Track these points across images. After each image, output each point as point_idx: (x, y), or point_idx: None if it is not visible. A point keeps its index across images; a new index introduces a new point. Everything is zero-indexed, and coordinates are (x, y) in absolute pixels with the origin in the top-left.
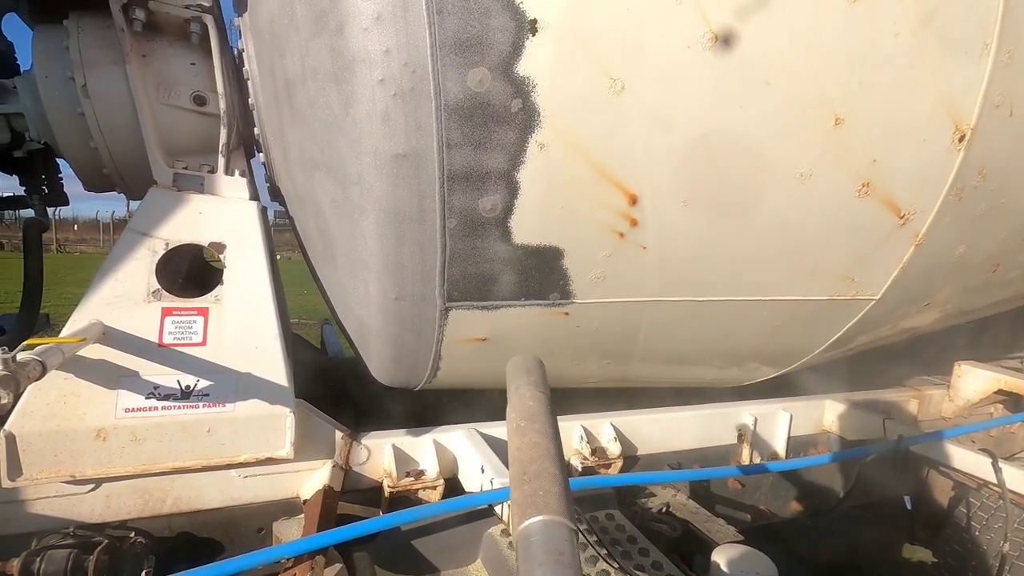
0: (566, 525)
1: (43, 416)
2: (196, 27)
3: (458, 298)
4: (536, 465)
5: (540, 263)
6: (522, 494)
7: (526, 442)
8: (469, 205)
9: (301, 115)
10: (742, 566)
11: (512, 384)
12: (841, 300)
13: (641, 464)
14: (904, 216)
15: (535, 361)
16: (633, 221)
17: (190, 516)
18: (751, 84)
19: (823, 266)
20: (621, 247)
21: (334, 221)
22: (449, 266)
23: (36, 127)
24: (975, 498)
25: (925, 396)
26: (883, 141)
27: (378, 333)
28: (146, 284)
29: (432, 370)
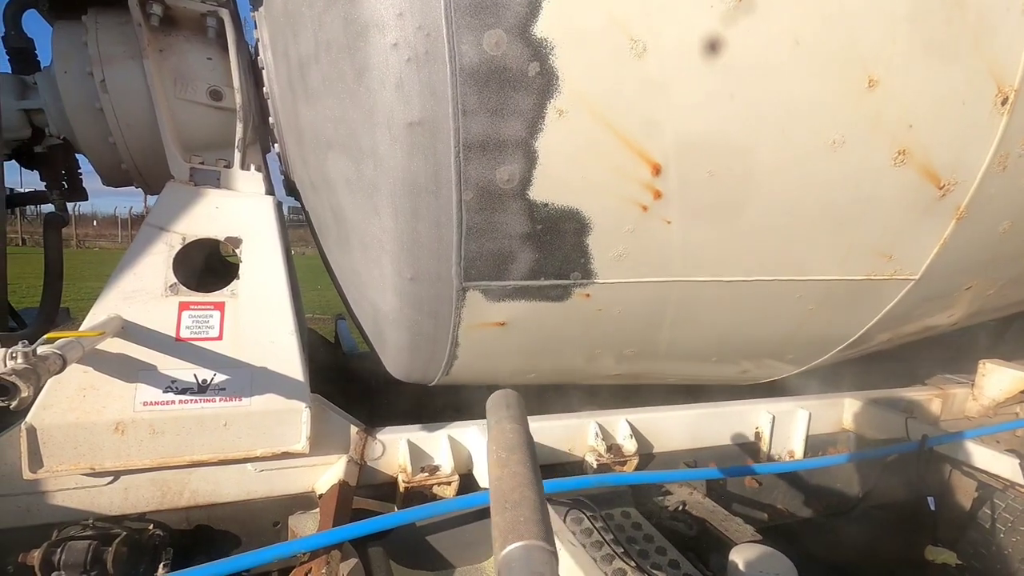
0: (545, 549)
1: (63, 409)
2: (212, 21)
3: (475, 277)
4: (516, 493)
5: (559, 239)
6: (503, 520)
7: (507, 472)
8: (486, 176)
9: (315, 94)
10: (761, 566)
11: (492, 417)
12: (879, 280)
13: (657, 462)
14: (944, 187)
15: (514, 395)
16: (657, 193)
17: (207, 509)
18: (779, 44)
19: (859, 242)
20: (644, 221)
21: (348, 202)
22: (466, 242)
23: (56, 122)
24: (1000, 499)
25: (948, 395)
26: (920, 105)
27: (393, 320)
28: (164, 278)
29: (449, 358)
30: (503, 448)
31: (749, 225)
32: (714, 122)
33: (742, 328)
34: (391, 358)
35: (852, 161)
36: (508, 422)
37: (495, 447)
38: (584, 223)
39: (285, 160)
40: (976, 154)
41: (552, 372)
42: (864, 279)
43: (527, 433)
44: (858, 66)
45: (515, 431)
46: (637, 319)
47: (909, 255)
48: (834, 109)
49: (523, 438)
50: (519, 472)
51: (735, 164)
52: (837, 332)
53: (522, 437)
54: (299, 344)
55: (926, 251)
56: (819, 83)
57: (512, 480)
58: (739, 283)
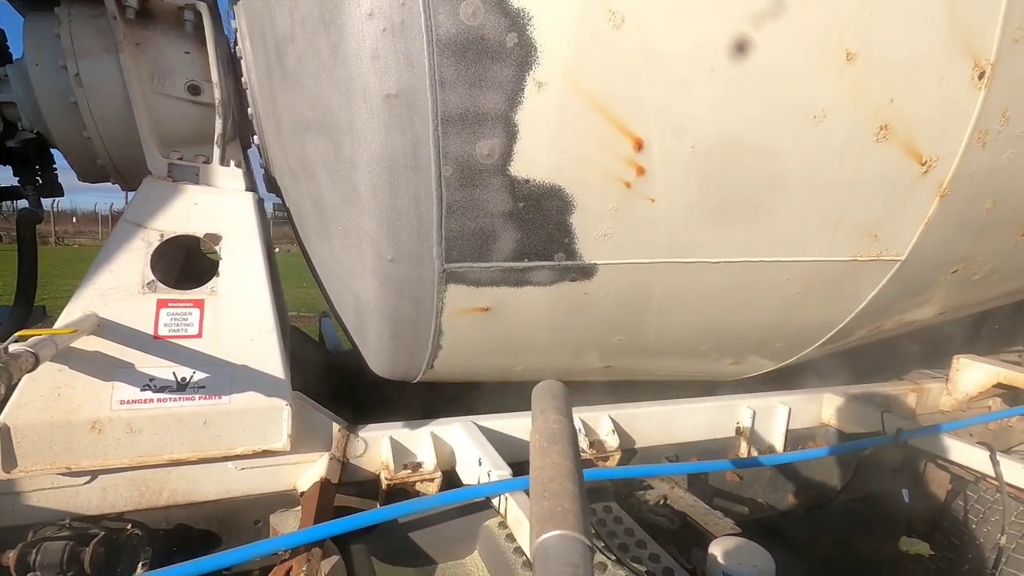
0: (582, 541)
1: (38, 408)
2: (190, 15)
3: (457, 258)
4: (556, 484)
5: (543, 218)
6: (541, 509)
7: (547, 462)
8: (465, 151)
9: (292, 75)
10: (740, 558)
11: (537, 407)
12: (865, 261)
13: (639, 457)
14: (926, 163)
15: (559, 386)
16: (640, 169)
17: (187, 508)
18: (758, 12)
19: (844, 221)
20: (628, 199)
21: (327, 185)
22: (447, 221)
23: (28, 116)
24: (972, 491)
25: (923, 389)
26: (899, 79)
27: (375, 307)
28: (141, 276)
29: (433, 348)
30: (545, 438)
31: (733, 203)
32: (694, 95)
33: (730, 315)
34: (373, 350)
35: (835, 136)
36: (552, 412)
37: (538, 436)
38: (567, 201)
39: (265, 152)
40: (956, 130)
41: (539, 365)
42: (851, 260)
43: (571, 425)
44: (836, 38)
45: (559, 422)
46: (624, 304)
47: (894, 235)
48: (814, 82)
49: (566, 429)
50: (559, 463)
51: (716, 139)
52: (825, 319)
53: (565, 428)
54: (280, 341)
55: (911, 230)
56: (798, 55)
57: (552, 470)
58: (725, 265)
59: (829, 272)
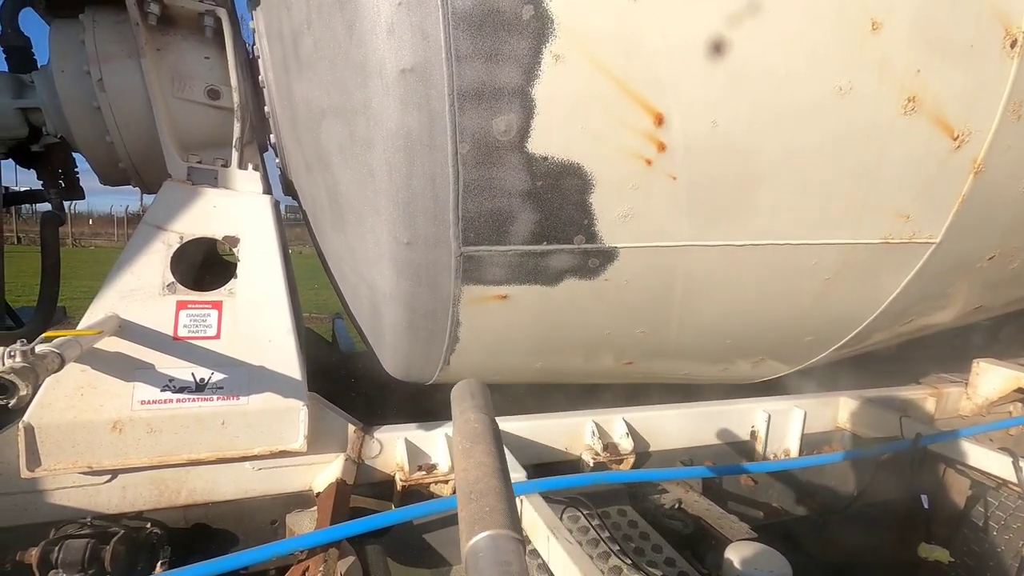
0: (512, 537)
1: (61, 408)
2: (210, 20)
3: (474, 241)
4: (482, 484)
5: (562, 197)
6: (469, 512)
7: (472, 463)
8: (482, 127)
9: (308, 62)
10: (756, 564)
11: (457, 408)
12: (897, 243)
13: (653, 460)
14: (959, 137)
15: (478, 384)
16: (661, 145)
17: (205, 508)
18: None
19: (874, 200)
20: (649, 177)
21: (342, 170)
22: (463, 201)
23: (53, 121)
24: (993, 497)
25: (942, 394)
26: (926, 49)
27: (390, 295)
28: (161, 277)
29: (450, 341)
30: (467, 439)
31: (757, 181)
32: (715, 68)
33: (757, 304)
34: (389, 346)
35: (861, 109)
36: (472, 412)
37: (460, 438)
38: (587, 179)
39: (281, 151)
40: (988, 102)
41: (559, 360)
42: (881, 242)
43: (492, 422)
44: (859, 6)
45: (480, 420)
46: (646, 292)
47: (927, 215)
48: (838, 53)
49: (488, 427)
50: (484, 462)
51: (739, 112)
52: (856, 309)
53: (487, 426)
54: (296, 343)
55: (945, 210)
56: (821, 25)
57: (477, 470)
58: (750, 248)
59: (859, 256)
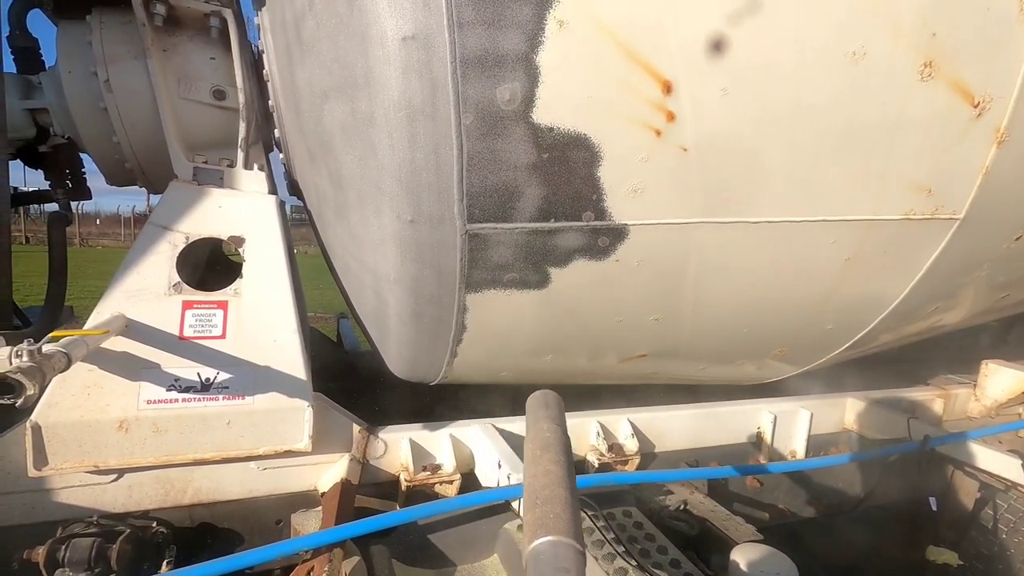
0: (574, 546)
1: (68, 407)
2: (216, 21)
3: (480, 218)
4: (548, 491)
5: (569, 171)
6: (534, 516)
7: (540, 470)
8: (485, 96)
9: (310, 44)
10: (762, 566)
11: (531, 417)
12: (919, 220)
13: (659, 461)
14: (979, 104)
15: (553, 396)
16: (670, 115)
17: (210, 507)
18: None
19: (893, 172)
20: (659, 148)
21: (344, 152)
22: (467, 175)
23: (60, 122)
24: (1002, 500)
25: (951, 395)
26: (941, 10)
27: (395, 279)
28: (167, 277)
29: (456, 330)
30: (538, 447)
31: (771, 152)
32: (724, 33)
33: (773, 288)
34: (394, 337)
35: (875, 74)
36: (545, 421)
37: (531, 446)
38: (594, 151)
39: (285, 146)
40: (1008, 66)
41: (571, 354)
42: (902, 218)
43: (563, 433)
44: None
45: (551, 430)
46: (657, 274)
47: (950, 189)
48: (850, 16)
49: (558, 437)
50: (552, 470)
51: (750, 79)
52: (879, 292)
53: (557, 436)
54: (302, 343)
55: (968, 184)
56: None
57: (545, 478)
58: (766, 226)
59: (880, 233)
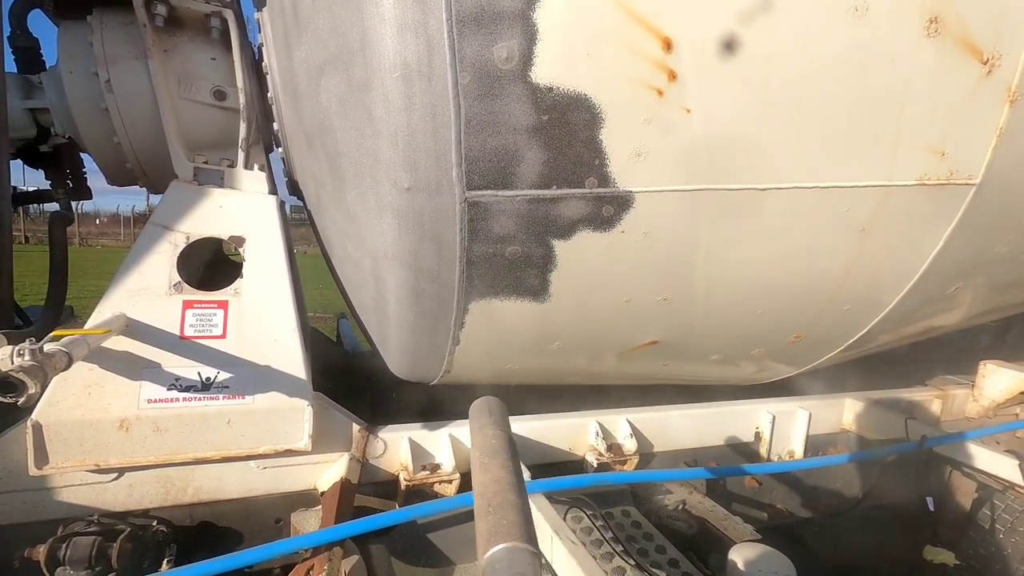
0: (529, 550)
1: (69, 406)
2: (216, 22)
3: (479, 185)
4: (499, 497)
5: (570, 133)
6: (486, 524)
7: (489, 477)
8: (482, 55)
9: (306, 20)
10: (760, 565)
11: (475, 423)
12: (934, 185)
13: (657, 461)
14: (988, 61)
15: (496, 402)
16: (672, 74)
17: (210, 506)
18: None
19: (905, 135)
20: (661, 109)
21: (341, 126)
22: (466, 138)
23: (61, 122)
24: (1000, 500)
25: (948, 396)
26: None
27: (393, 255)
28: (168, 277)
29: (458, 313)
30: (485, 453)
31: (776, 113)
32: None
33: (787, 264)
34: (394, 324)
35: (880, 31)
36: (490, 427)
37: (478, 453)
38: (595, 113)
39: (284, 140)
40: (1017, 21)
41: (578, 342)
42: (917, 184)
43: (509, 438)
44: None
45: (497, 436)
46: (666, 247)
47: (964, 151)
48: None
49: (505, 443)
50: (501, 476)
51: (752, 36)
52: (897, 268)
53: (504, 442)
54: (301, 342)
55: (983, 146)
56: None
57: (495, 485)
58: (774, 192)
59: (895, 201)
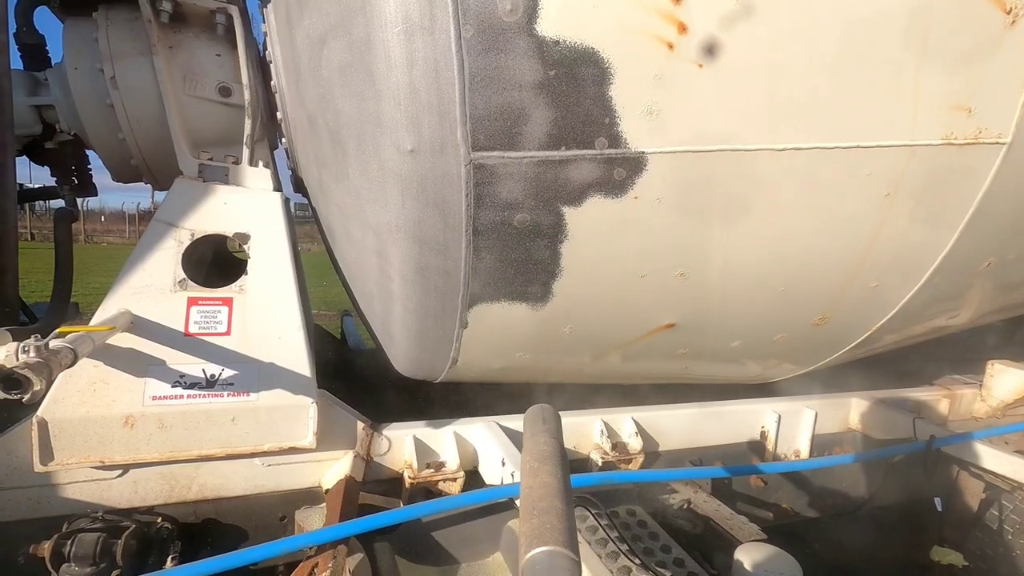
0: (569, 556)
1: (74, 403)
2: (221, 18)
3: (485, 145)
4: (545, 502)
5: (578, 90)
6: (530, 526)
7: (537, 481)
8: (486, 6)
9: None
10: (766, 565)
11: (528, 430)
12: (962, 144)
13: (662, 460)
14: (1012, 11)
15: (550, 410)
16: (681, 26)
17: (215, 503)
18: None
19: (927, 89)
20: (672, 64)
21: (342, 94)
22: (470, 95)
23: (66, 118)
24: (1008, 501)
25: (956, 396)
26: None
27: (396, 226)
28: (173, 274)
29: (465, 288)
30: (535, 459)
31: (791, 65)
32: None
33: (808, 235)
34: (399, 305)
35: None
36: (543, 435)
37: (528, 458)
38: (604, 68)
39: (288, 130)
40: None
41: (592, 321)
42: (943, 143)
43: (560, 446)
44: None
45: (548, 443)
46: (681, 213)
47: (992, 108)
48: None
49: (555, 450)
50: (549, 482)
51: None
52: (926, 238)
53: (554, 449)
54: (306, 340)
55: (1011, 102)
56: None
57: (542, 489)
58: (792, 153)
59: (920, 163)
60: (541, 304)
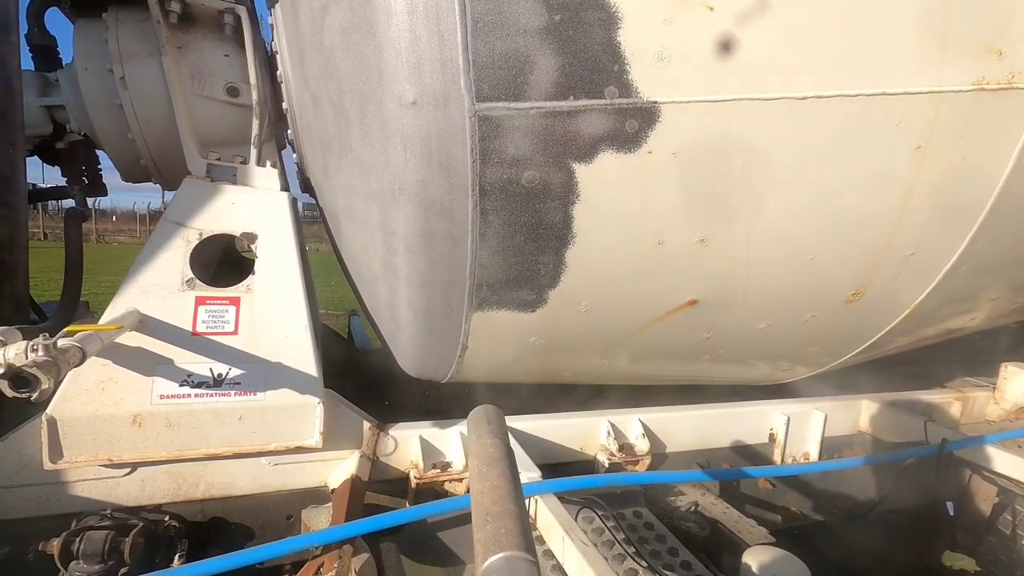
0: (527, 559)
1: (83, 401)
2: (230, 19)
3: (489, 95)
4: (497, 506)
5: (584, 35)
6: (485, 534)
7: (487, 486)
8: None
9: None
10: (774, 569)
11: (473, 433)
12: (995, 90)
13: (670, 462)
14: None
15: (494, 410)
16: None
17: (222, 502)
18: None
19: (954, 32)
20: (683, 6)
21: (344, 60)
22: (473, 41)
23: (77, 119)
24: (1021, 505)
25: (969, 398)
26: None
27: (399, 188)
28: (181, 273)
29: (473, 245)
30: (484, 462)
31: (809, 7)
32: None
33: (836, 195)
34: (404, 278)
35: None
36: (488, 437)
37: (476, 462)
38: (611, 12)
39: (294, 122)
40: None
41: (608, 301)
42: (974, 89)
43: (507, 447)
44: None
45: (495, 445)
46: (698, 169)
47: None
48: None
49: (503, 452)
50: (499, 485)
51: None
52: (963, 196)
53: (502, 451)
54: (313, 339)
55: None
56: None
57: (493, 493)
58: (814, 102)
59: (951, 110)
60: (554, 278)
